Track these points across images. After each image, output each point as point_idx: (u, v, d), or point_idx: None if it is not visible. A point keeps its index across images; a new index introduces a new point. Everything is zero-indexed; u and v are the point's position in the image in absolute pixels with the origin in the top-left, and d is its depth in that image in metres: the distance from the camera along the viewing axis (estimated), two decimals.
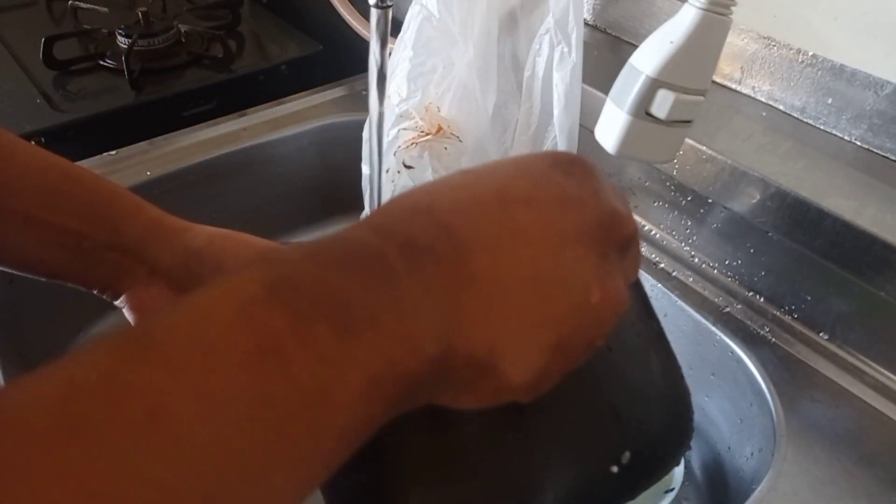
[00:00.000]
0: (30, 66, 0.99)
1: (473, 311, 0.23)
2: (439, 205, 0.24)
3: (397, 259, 0.22)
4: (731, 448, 0.62)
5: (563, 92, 0.66)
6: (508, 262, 0.24)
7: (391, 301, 0.21)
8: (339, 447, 0.20)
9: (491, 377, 0.23)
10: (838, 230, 0.55)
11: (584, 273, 0.25)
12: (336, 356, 0.19)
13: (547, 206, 0.25)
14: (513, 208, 0.25)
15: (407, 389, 0.21)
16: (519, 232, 0.24)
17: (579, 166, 0.27)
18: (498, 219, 0.24)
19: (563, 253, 0.24)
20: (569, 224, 0.25)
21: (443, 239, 0.23)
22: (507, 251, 0.24)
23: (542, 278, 0.24)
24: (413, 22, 0.70)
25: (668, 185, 0.68)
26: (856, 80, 0.60)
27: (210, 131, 0.82)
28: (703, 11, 0.47)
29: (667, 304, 0.66)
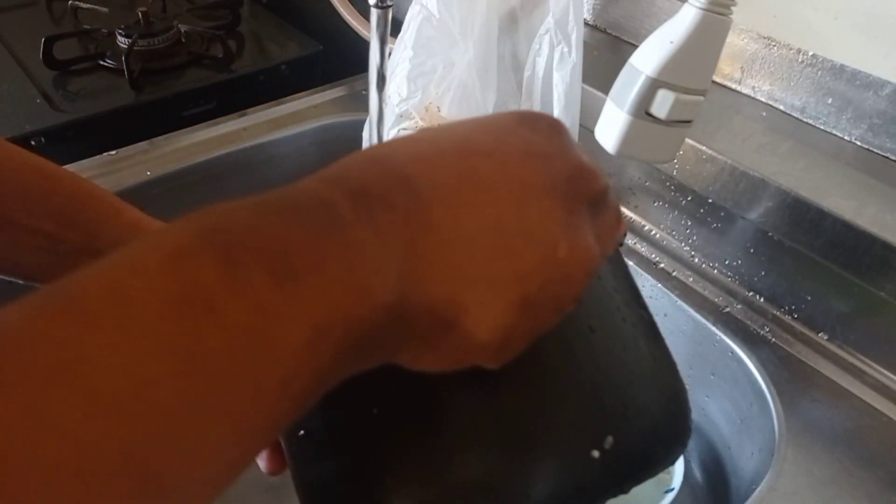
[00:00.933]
0: (30, 66, 0.99)
1: (431, 261, 0.21)
2: (396, 155, 0.23)
3: (346, 206, 0.21)
4: (731, 448, 0.62)
5: (563, 92, 0.66)
6: (469, 213, 0.22)
7: (337, 247, 0.20)
8: (284, 401, 0.19)
9: (453, 333, 0.22)
10: (838, 230, 0.55)
11: (550, 227, 0.23)
12: (274, 305, 0.18)
13: (511, 158, 0.24)
14: (474, 160, 0.23)
15: (360, 340, 0.20)
16: (480, 183, 0.23)
17: (546, 123, 0.26)
18: (458, 169, 0.23)
19: (527, 205, 0.23)
20: (534, 177, 0.24)
21: (398, 187, 0.22)
22: (468, 202, 0.22)
23: (505, 230, 0.23)
24: (413, 22, 0.70)
25: (668, 185, 0.68)
26: (856, 80, 0.60)
27: (210, 131, 0.82)
28: (703, 11, 0.47)
29: (667, 304, 0.66)
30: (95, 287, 0.17)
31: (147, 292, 0.17)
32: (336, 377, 0.20)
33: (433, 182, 0.22)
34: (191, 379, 0.17)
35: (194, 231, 0.18)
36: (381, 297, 0.20)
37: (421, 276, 0.21)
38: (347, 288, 0.19)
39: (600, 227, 0.26)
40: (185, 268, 0.18)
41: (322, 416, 0.28)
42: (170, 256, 0.18)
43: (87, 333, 0.16)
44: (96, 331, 0.16)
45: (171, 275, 0.17)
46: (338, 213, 0.20)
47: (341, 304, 0.19)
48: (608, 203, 0.27)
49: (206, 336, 0.17)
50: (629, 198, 0.73)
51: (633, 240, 0.71)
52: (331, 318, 0.19)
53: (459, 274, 0.22)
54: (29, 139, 0.87)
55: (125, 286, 0.17)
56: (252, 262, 0.18)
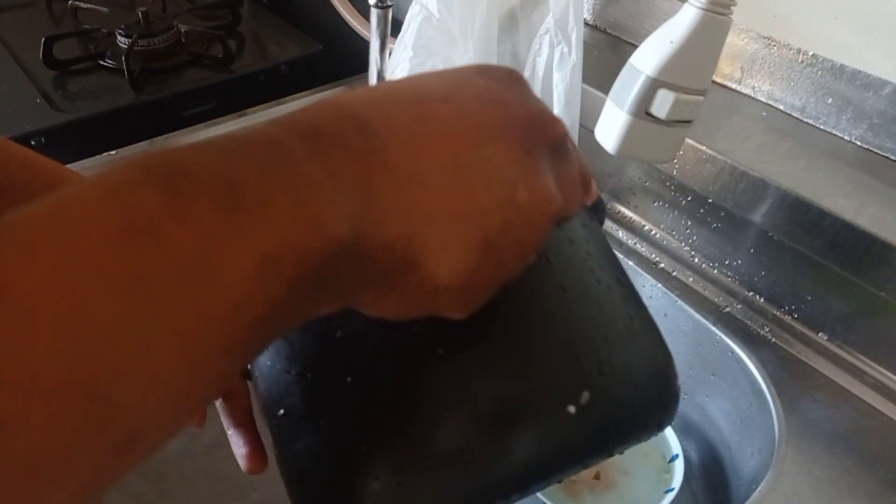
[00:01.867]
0: (30, 66, 0.99)
1: (387, 198, 0.21)
2: (350, 100, 0.23)
3: (296, 145, 0.20)
4: (731, 448, 0.62)
5: (563, 92, 0.66)
6: (425, 153, 0.22)
7: (286, 181, 0.20)
8: (237, 328, 0.18)
9: (414, 272, 0.22)
10: (838, 230, 0.55)
11: (508, 169, 0.23)
12: (220, 233, 0.18)
13: (467, 103, 0.24)
14: (430, 105, 0.23)
15: (314, 273, 0.20)
16: (437, 126, 0.23)
17: (503, 72, 0.26)
18: (414, 113, 0.23)
19: (484, 147, 0.23)
20: (490, 120, 0.24)
21: (352, 128, 0.22)
22: (424, 142, 0.22)
23: (462, 170, 0.22)
24: (413, 22, 0.70)
25: (668, 185, 0.68)
26: (856, 80, 0.60)
27: (210, 131, 0.82)
28: (703, 11, 0.47)
29: (667, 304, 0.66)
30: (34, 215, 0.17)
31: (87, 219, 0.17)
32: (292, 312, 0.20)
33: (388, 124, 0.22)
34: (134, 299, 0.17)
35: (138, 165, 0.18)
36: (334, 230, 0.20)
37: (377, 213, 0.21)
38: (297, 219, 0.19)
39: (562, 175, 0.26)
40: (127, 197, 0.17)
41: (300, 392, 0.29)
42: (112, 187, 0.18)
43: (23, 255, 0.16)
44: (33, 253, 0.16)
45: (113, 203, 0.17)
46: (287, 150, 0.20)
47: (291, 235, 0.19)
48: (568, 152, 0.27)
49: (149, 259, 0.17)
50: (629, 198, 0.73)
51: (633, 240, 0.71)
52: (281, 248, 0.19)
53: (417, 212, 0.22)
54: (29, 139, 0.87)
55: (65, 213, 0.17)
56: (197, 192, 0.18)
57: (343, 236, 0.20)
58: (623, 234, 0.72)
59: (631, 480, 0.64)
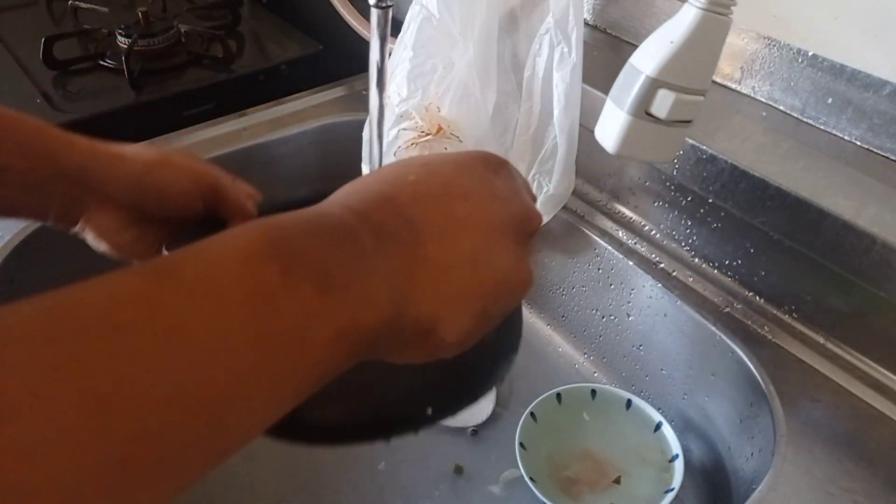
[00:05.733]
0: (30, 66, 0.99)
1: (424, 285, 0.29)
2: (401, 197, 0.31)
3: (368, 239, 0.28)
4: (731, 448, 0.62)
5: (563, 92, 0.66)
6: (452, 246, 0.30)
7: (362, 272, 0.27)
8: (306, 381, 0.25)
9: (431, 338, 0.30)
10: (838, 230, 0.55)
11: (506, 256, 0.31)
12: (314, 309, 0.24)
13: (482, 200, 0.32)
14: (456, 202, 0.32)
15: (365, 343, 0.26)
16: (461, 222, 0.31)
17: (505, 168, 0.35)
18: (445, 211, 0.31)
19: (492, 240, 0.31)
20: (497, 217, 0.32)
21: (404, 227, 0.30)
22: (452, 238, 0.30)
23: (477, 260, 0.31)
24: (413, 22, 0.70)
25: (668, 185, 0.68)
26: (856, 80, 0.60)
27: (210, 131, 0.82)
28: (703, 11, 0.47)
29: (667, 304, 0.66)
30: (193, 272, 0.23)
31: (231, 283, 0.23)
32: (343, 368, 0.26)
33: (428, 223, 0.30)
34: (253, 351, 0.22)
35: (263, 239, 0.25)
36: (386, 311, 0.27)
37: (415, 297, 0.29)
38: (365, 303, 0.26)
39: (530, 252, 0.35)
40: (257, 269, 0.24)
41: None
42: (246, 259, 0.24)
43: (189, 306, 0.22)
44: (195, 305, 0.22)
45: (248, 273, 0.24)
46: (364, 245, 0.28)
47: (359, 315, 0.26)
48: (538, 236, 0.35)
49: (267, 322, 0.23)
50: (629, 198, 0.73)
51: (634, 240, 0.71)
52: (350, 324, 0.25)
53: (441, 295, 0.29)
54: None
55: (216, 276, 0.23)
56: (303, 274, 0.25)
57: (391, 315, 0.27)
58: (623, 234, 0.72)
59: (631, 480, 0.64)
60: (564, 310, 0.78)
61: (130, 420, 0.19)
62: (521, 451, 0.63)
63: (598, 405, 0.68)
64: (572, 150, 0.70)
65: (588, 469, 0.65)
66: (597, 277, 0.73)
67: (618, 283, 0.71)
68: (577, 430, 0.67)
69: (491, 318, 0.31)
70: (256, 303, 0.23)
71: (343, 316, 0.25)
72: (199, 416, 0.21)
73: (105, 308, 0.20)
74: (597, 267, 0.72)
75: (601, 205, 0.75)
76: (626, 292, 0.70)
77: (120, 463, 0.19)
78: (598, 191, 0.76)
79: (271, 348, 0.23)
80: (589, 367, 0.76)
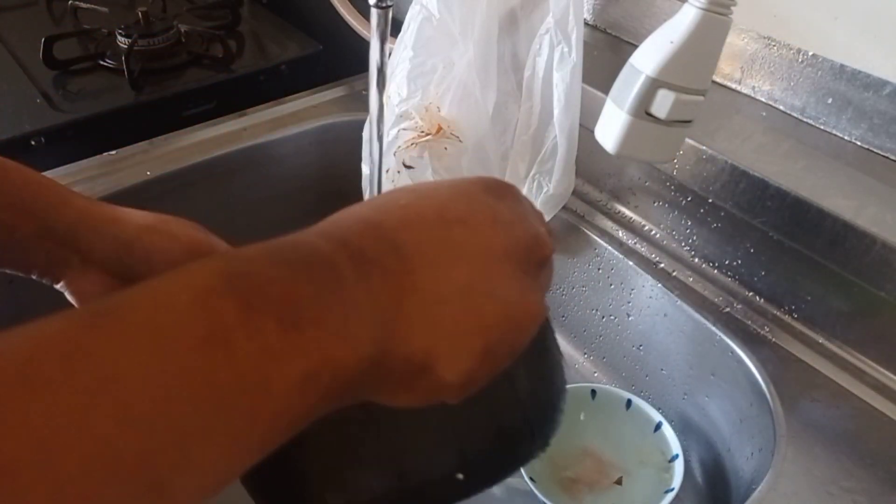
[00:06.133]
0: (30, 66, 0.99)
1: (413, 318, 0.25)
2: (388, 222, 0.27)
3: (347, 267, 0.24)
4: (731, 448, 0.62)
5: (563, 92, 0.66)
6: (446, 276, 0.27)
7: (337, 304, 0.23)
8: (272, 431, 0.22)
9: (427, 377, 0.26)
10: (838, 230, 0.55)
11: (509, 287, 0.28)
12: (278, 348, 0.21)
13: (481, 225, 0.28)
14: (452, 227, 0.28)
15: (343, 385, 0.23)
16: (456, 248, 0.27)
17: (509, 192, 0.31)
18: (439, 236, 0.27)
19: (492, 268, 0.28)
20: (498, 243, 0.28)
21: (390, 253, 0.26)
22: (446, 266, 0.27)
23: (474, 290, 0.27)
24: (413, 22, 0.70)
25: (668, 185, 0.68)
26: (856, 80, 0.60)
27: (210, 131, 0.82)
28: (703, 11, 0.47)
29: (667, 304, 0.66)
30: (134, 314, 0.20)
31: (178, 326, 0.20)
32: (320, 412, 0.23)
33: (419, 249, 0.27)
34: (203, 403, 0.20)
35: (220, 273, 0.22)
36: (367, 349, 0.24)
37: (402, 330, 0.25)
38: (340, 340, 0.23)
39: (543, 283, 0.31)
40: (210, 307, 0.21)
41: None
42: (198, 296, 0.21)
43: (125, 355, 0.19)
44: (133, 354, 0.19)
45: (199, 312, 0.21)
46: (341, 273, 0.24)
47: (332, 354, 0.23)
48: (551, 263, 0.32)
49: (220, 369, 0.20)
50: (629, 198, 0.73)
51: (633, 240, 0.71)
52: (322, 365, 0.22)
53: (435, 329, 0.26)
54: (29, 139, 0.87)
55: (159, 318, 0.20)
56: (266, 309, 0.22)
57: (373, 353, 0.24)
58: (623, 234, 0.72)
59: (631, 480, 0.64)
60: (564, 310, 0.78)
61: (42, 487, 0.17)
62: None
63: (598, 405, 0.68)
64: (572, 150, 0.70)
65: (588, 469, 0.65)
66: (597, 277, 0.73)
67: (618, 283, 0.71)
68: (577, 430, 0.67)
69: (496, 356, 0.28)
70: (207, 347, 0.20)
71: (312, 355, 0.22)
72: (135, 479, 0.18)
73: (25, 361, 0.18)
74: (597, 267, 0.72)
75: (601, 205, 0.75)
76: (626, 292, 0.70)
77: None
78: (598, 191, 0.76)
79: (224, 399, 0.20)
80: (589, 367, 0.76)
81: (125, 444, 0.18)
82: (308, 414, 0.23)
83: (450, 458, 0.33)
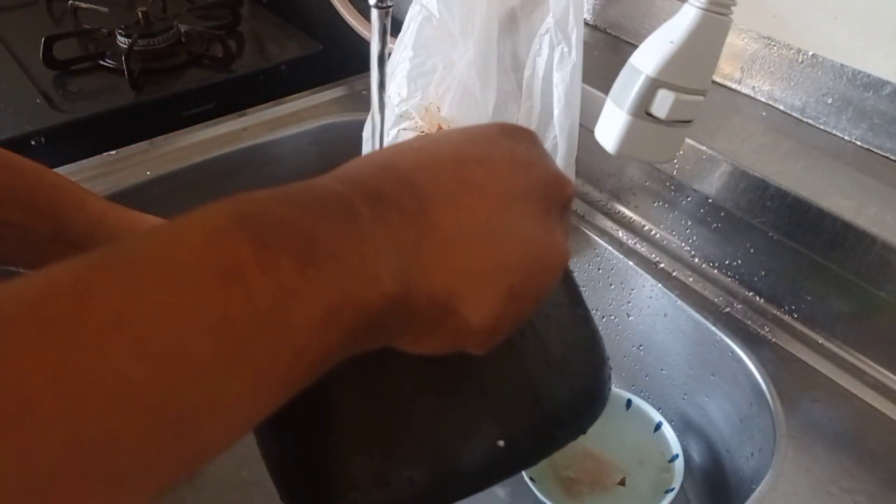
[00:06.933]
0: (30, 66, 0.99)
1: (434, 257, 0.25)
2: (403, 164, 0.26)
3: (363, 206, 0.24)
4: (730, 448, 0.62)
5: (563, 92, 0.66)
6: (466, 214, 0.26)
7: (354, 241, 0.23)
8: (296, 370, 0.21)
9: (452, 319, 0.25)
10: (838, 230, 0.55)
11: (532, 227, 0.27)
12: (296, 285, 0.21)
13: (499, 165, 0.28)
14: (469, 167, 0.27)
15: (366, 324, 0.23)
16: (474, 188, 0.27)
17: (526, 135, 0.30)
18: (456, 175, 0.27)
19: (513, 207, 0.27)
20: (518, 182, 0.27)
21: (406, 192, 0.25)
22: (465, 204, 0.26)
23: (496, 230, 0.26)
24: (413, 22, 0.70)
25: (668, 185, 0.68)
26: (856, 80, 0.60)
27: (210, 131, 0.82)
28: (703, 11, 0.47)
29: (667, 304, 0.66)
30: (145, 253, 0.20)
31: (191, 262, 0.20)
32: (343, 354, 0.23)
33: (436, 188, 0.26)
34: (221, 339, 0.19)
35: (230, 214, 0.21)
36: (388, 286, 0.23)
37: (424, 270, 0.24)
38: (359, 276, 0.22)
39: (566, 227, 0.30)
40: (223, 244, 0.20)
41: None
42: (209, 234, 0.20)
43: (138, 292, 0.19)
44: (147, 290, 0.19)
45: (212, 249, 0.20)
46: (356, 211, 0.23)
47: (353, 291, 0.22)
48: (571, 208, 0.31)
49: (236, 304, 0.20)
50: (629, 198, 0.73)
51: (633, 240, 0.71)
52: (343, 302, 0.22)
53: (457, 268, 0.25)
54: (29, 139, 0.87)
55: (172, 254, 0.20)
56: (280, 246, 0.21)
57: (394, 292, 0.23)
58: (623, 234, 0.72)
59: (631, 480, 0.64)
60: None
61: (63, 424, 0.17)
62: None
63: None
64: (572, 150, 0.70)
65: (588, 469, 0.65)
66: (597, 277, 0.73)
67: (618, 283, 0.71)
68: None
69: (522, 300, 0.27)
70: (221, 283, 0.20)
71: (333, 292, 0.21)
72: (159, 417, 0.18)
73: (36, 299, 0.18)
74: (597, 267, 0.72)
75: (601, 205, 0.75)
76: (626, 292, 0.70)
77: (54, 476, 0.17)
78: (598, 191, 0.76)
79: (243, 336, 0.20)
80: None
81: (144, 380, 0.18)
82: (331, 353, 0.22)
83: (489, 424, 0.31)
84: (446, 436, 0.31)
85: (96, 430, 0.17)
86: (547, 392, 0.33)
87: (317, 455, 0.30)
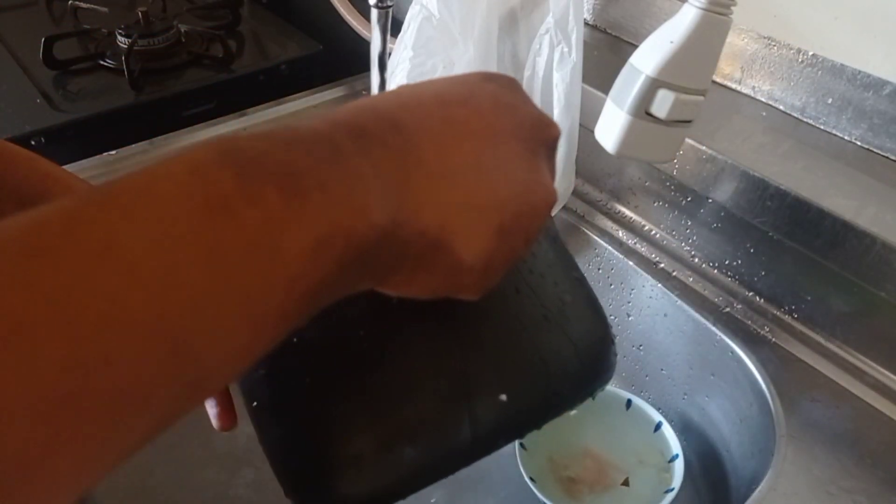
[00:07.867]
0: (30, 66, 0.99)
1: (422, 191, 0.25)
2: (385, 104, 0.27)
3: (346, 142, 0.24)
4: (730, 448, 0.62)
5: (563, 92, 0.66)
6: (452, 152, 0.26)
7: (339, 174, 0.23)
8: (291, 299, 0.21)
9: (444, 254, 0.25)
10: (838, 230, 0.55)
11: (519, 165, 0.27)
12: (283, 215, 0.21)
13: (483, 106, 0.28)
14: (453, 108, 0.27)
15: (357, 256, 0.23)
16: (459, 126, 0.27)
17: (508, 80, 0.30)
18: (440, 115, 0.27)
19: (500, 146, 0.27)
20: (503, 123, 0.28)
21: (390, 129, 0.25)
22: (451, 142, 0.26)
23: (483, 166, 0.26)
24: (413, 22, 0.70)
25: (668, 185, 0.68)
26: (856, 80, 0.60)
27: (210, 131, 0.82)
28: (703, 11, 0.47)
29: (667, 304, 0.66)
30: (131, 187, 0.20)
31: (176, 194, 0.20)
32: (336, 287, 0.23)
33: (420, 126, 0.26)
34: (213, 266, 0.19)
35: (214, 149, 0.21)
36: (378, 218, 0.23)
37: (414, 204, 0.24)
38: (347, 207, 0.22)
39: (552, 169, 0.30)
40: (208, 177, 0.20)
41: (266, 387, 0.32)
42: (195, 167, 0.20)
43: (127, 222, 0.19)
44: (135, 221, 0.19)
45: (197, 181, 0.20)
46: (339, 146, 0.23)
47: (342, 221, 0.22)
48: (556, 149, 0.31)
49: (224, 234, 0.20)
50: (629, 198, 0.73)
51: (634, 240, 0.71)
52: (333, 232, 0.22)
53: (447, 202, 0.25)
54: (29, 139, 0.87)
55: (158, 187, 0.20)
56: (265, 178, 0.21)
57: (385, 223, 0.23)
58: (623, 234, 0.72)
59: (631, 480, 0.64)
60: None
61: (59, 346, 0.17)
62: (521, 452, 0.63)
63: (598, 405, 0.68)
64: (572, 150, 0.70)
65: (588, 469, 0.65)
66: (597, 277, 0.73)
67: (618, 283, 0.71)
68: (577, 430, 0.67)
69: (513, 238, 0.27)
70: (208, 213, 0.20)
71: (322, 222, 0.21)
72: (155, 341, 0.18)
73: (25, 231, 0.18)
74: (597, 267, 0.72)
75: (601, 205, 0.75)
76: (626, 292, 0.70)
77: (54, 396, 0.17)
78: (598, 191, 0.76)
79: (234, 264, 0.20)
80: None
81: (138, 304, 0.18)
82: (325, 285, 0.22)
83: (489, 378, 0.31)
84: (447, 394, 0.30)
85: (93, 351, 0.17)
86: (547, 346, 0.32)
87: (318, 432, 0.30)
